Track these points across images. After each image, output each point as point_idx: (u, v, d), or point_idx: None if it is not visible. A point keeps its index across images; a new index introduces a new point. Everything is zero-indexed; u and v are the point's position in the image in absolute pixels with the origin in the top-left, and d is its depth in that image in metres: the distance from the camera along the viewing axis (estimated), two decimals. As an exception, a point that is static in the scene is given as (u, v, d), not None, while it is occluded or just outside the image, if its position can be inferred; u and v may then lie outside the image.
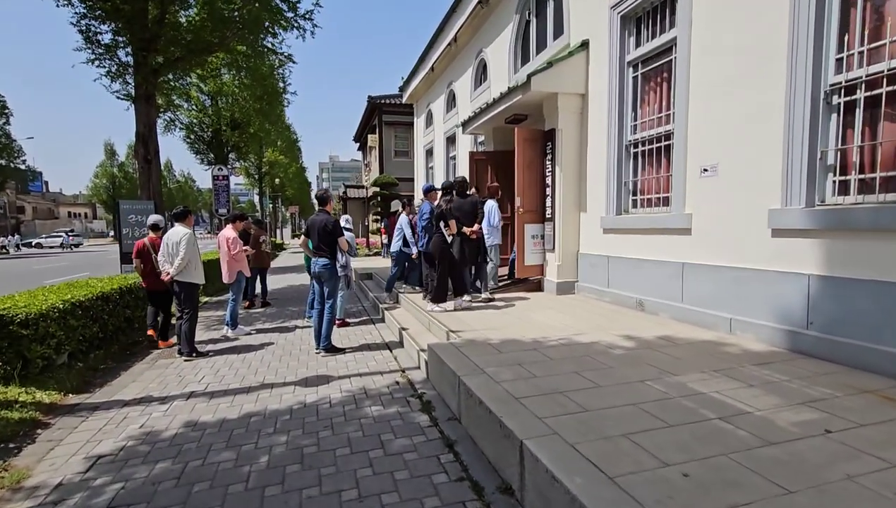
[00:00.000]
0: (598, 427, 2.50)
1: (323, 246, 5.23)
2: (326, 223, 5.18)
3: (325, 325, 5.33)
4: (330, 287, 5.30)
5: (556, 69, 6.50)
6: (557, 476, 2.03)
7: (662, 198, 5.44)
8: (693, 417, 2.59)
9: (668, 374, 3.30)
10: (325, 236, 5.19)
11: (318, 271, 5.27)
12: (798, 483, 1.95)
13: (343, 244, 5.20)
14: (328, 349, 5.34)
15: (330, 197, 5.43)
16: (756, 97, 4.06)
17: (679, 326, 4.70)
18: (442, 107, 13.63)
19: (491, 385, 3.18)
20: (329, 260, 5.23)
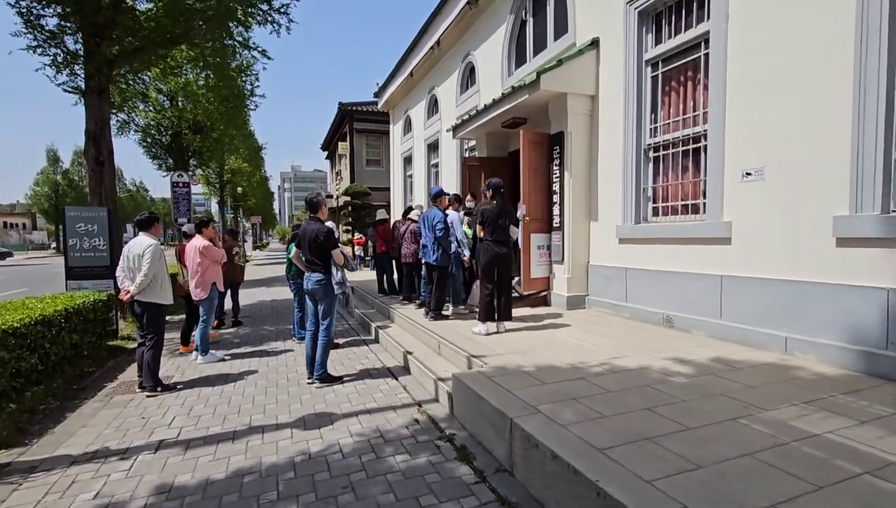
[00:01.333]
0: (729, 493, 1.93)
1: (315, 259, 4.51)
2: (318, 233, 4.45)
3: (319, 351, 4.58)
4: (325, 306, 4.57)
5: (566, 68, 6.06)
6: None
7: (690, 205, 5.04)
8: (835, 473, 2.06)
9: (756, 409, 2.79)
10: (317, 248, 4.47)
11: (312, 288, 4.54)
12: None
13: (338, 257, 4.47)
14: (324, 378, 4.58)
15: (322, 201, 4.70)
16: (814, 93, 3.70)
17: (723, 346, 4.26)
18: (422, 113, 13.08)
19: (555, 430, 2.57)
20: (323, 274, 4.50)
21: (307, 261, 4.62)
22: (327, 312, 4.58)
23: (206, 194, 36.20)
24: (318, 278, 4.49)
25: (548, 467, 2.37)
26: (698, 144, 4.91)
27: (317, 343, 4.58)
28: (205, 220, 5.84)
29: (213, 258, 5.54)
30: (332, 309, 4.62)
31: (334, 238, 4.54)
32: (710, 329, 4.59)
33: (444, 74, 11.53)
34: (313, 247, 4.47)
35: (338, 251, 4.47)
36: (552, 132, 6.58)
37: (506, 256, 5.06)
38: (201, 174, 25.81)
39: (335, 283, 4.47)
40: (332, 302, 4.60)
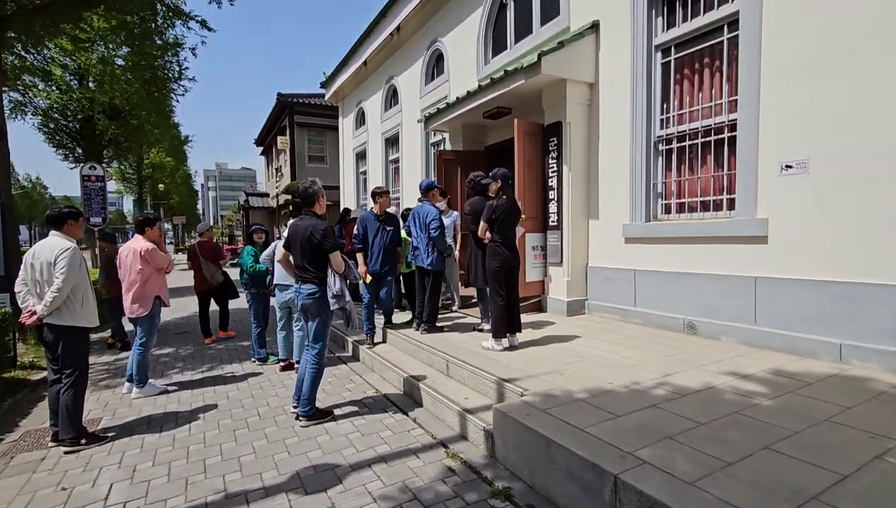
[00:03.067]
0: None
1: (307, 265, 3.59)
2: (313, 232, 3.52)
3: (307, 383, 3.66)
4: (317, 325, 3.66)
5: (567, 51, 5.53)
6: None
7: (712, 201, 4.67)
8: None
9: (885, 439, 2.34)
10: (312, 250, 3.55)
11: (303, 303, 3.62)
12: None
13: (338, 263, 3.57)
14: (311, 415, 3.68)
15: (318, 192, 3.75)
16: (871, 83, 3.39)
17: (768, 355, 3.88)
18: (379, 104, 12.16)
19: (689, 492, 1.93)
20: (317, 286, 3.59)
21: (296, 267, 3.68)
22: (319, 334, 3.67)
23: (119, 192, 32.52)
24: (311, 290, 3.57)
25: (699, 550, 1.72)
26: (721, 136, 4.55)
27: (306, 372, 3.66)
28: (150, 218, 4.63)
29: (158, 265, 4.39)
30: (325, 330, 3.72)
31: (334, 237, 3.62)
32: (743, 335, 4.23)
33: (406, 63, 10.71)
34: (306, 249, 3.54)
35: (338, 255, 3.56)
36: (547, 122, 6.04)
37: (517, 259, 4.41)
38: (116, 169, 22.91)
39: (331, 297, 3.55)
40: (326, 322, 3.70)
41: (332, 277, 3.56)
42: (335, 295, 3.53)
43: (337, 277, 3.56)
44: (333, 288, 3.54)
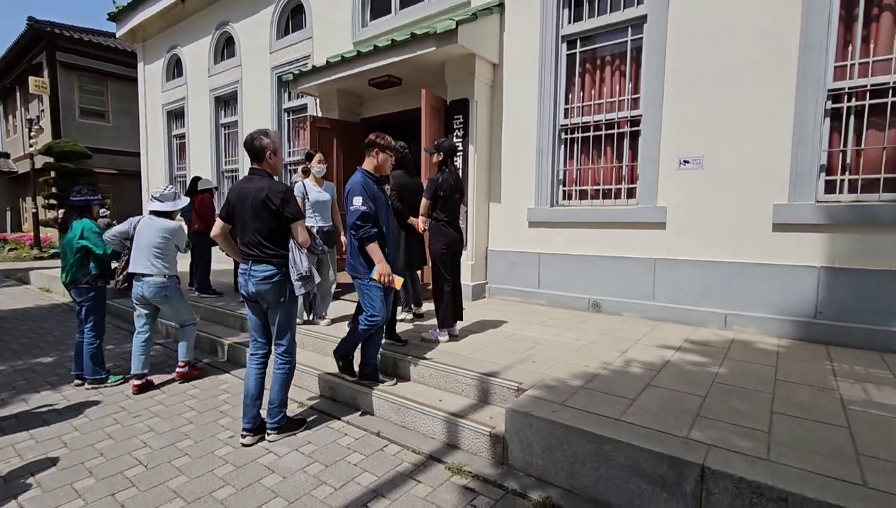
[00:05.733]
0: None
1: (262, 240, 2.72)
2: (269, 195, 2.69)
3: (276, 387, 2.89)
4: (281, 316, 2.83)
5: (479, 25, 5.31)
6: None
7: (614, 190, 5.09)
8: None
9: (829, 391, 2.82)
10: (268, 220, 2.71)
11: (257, 289, 2.75)
12: None
13: (301, 235, 2.75)
14: (284, 425, 2.95)
15: (272, 145, 2.79)
16: (761, 91, 4.08)
17: (671, 326, 4.42)
18: (206, 54, 9.99)
19: (773, 467, 1.95)
20: (276, 267, 2.76)
21: (245, 245, 2.75)
22: (285, 327, 2.85)
23: None
24: (268, 272, 2.75)
25: (818, 527, 1.74)
26: (623, 130, 4.97)
27: (264, 375, 2.84)
28: None
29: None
30: (291, 321, 2.90)
31: (296, 202, 2.74)
32: (644, 311, 4.75)
33: (249, 8, 8.98)
34: (262, 218, 2.72)
35: (303, 225, 2.74)
36: (451, 99, 5.74)
37: (462, 241, 4.05)
38: None
39: (296, 279, 2.71)
40: (290, 312, 2.88)
41: (296, 253, 2.76)
42: (302, 277, 2.71)
43: (303, 253, 2.75)
44: (301, 268, 2.72)
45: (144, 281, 3.74)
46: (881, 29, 3.72)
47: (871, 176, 3.77)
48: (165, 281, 3.80)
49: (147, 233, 3.76)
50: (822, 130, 3.86)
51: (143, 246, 3.74)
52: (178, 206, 3.98)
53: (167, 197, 3.92)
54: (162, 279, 3.78)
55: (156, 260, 3.75)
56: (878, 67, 3.70)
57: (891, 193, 3.70)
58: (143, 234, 3.76)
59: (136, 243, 3.75)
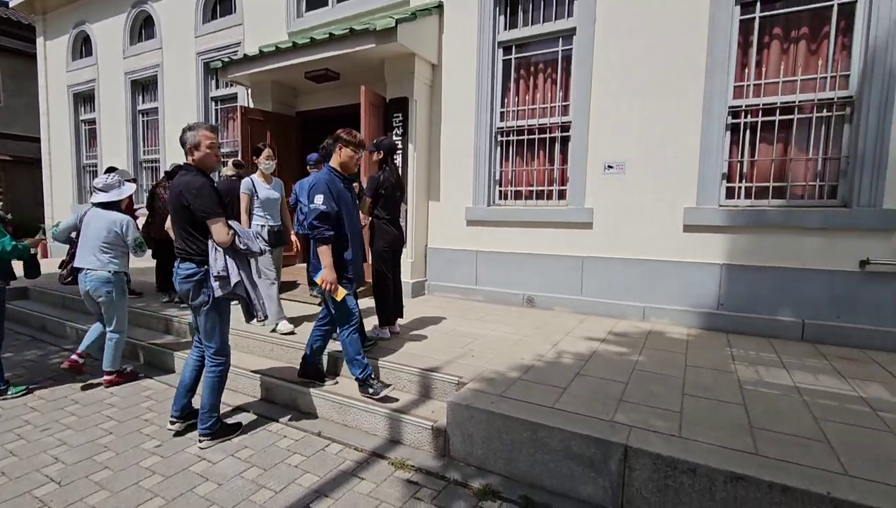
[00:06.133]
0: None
1: (186, 237, 2.65)
2: (183, 191, 2.60)
3: (206, 392, 2.76)
4: (206, 320, 2.71)
5: (419, 25, 5.36)
6: None
7: (546, 191, 5.37)
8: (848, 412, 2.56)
9: (728, 373, 3.20)
10: (183, 218, 2.62)
11: (182, 288, 2.69)
12: None
13: (219, 233, 2.61)
14: (216, 431, 2.84)
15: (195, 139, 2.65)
16: (674, 105, 4.48)
17: (595, 319, 4.75)
18: (121, 34, 9.17)
19: (685, 444, 2.20)
20: (197, 265, 2.67)
21: (175, 241, 2.70)
22: (210, 330, 2.73)
23: None
24: (188, 271, 2.67)
25: (719, 493, 1.99)
26: (555, 134, 5.25)
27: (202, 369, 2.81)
28: None
29: None
30: (217, 325, 2.76)
31: (213, 199, 2.62)
32: (573, 305, 5.06)
33: (172, -12, 8.38)
34: (179, 215, 2.67)
35: (220, 224, 2.60)
36: (390, 96, 5.74)
37: (403, 240, 4.10)
38: None
39: (214, 278, 2.61)
40: (215, 314, 2.74)
41: (213, 252, 2.64)
42: (218, 277, 2.60)
43: (220, 252, 2.62)
44: (214, 268, 2.61)
45: (88, 274, 3.56)
46: (771, 55, 4.24)
47: (762, 184, 4.29)
48: (110, 277, 3.60)
49: (94, 226, 3.58)
50: (723, 142, 4.33)
51: (90, 239, 3.58)
52: (123, 195, 3.77)
53: (111, 186, 3.70)
54: (106, 274, 3.58)
55: (102, 254, 3.57)
56: (769, 89, 4.22)
57: (778, 199, 4.24)
58: (89, 227, 3.59)
59: (83, 236, 3.59)
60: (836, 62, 4.00)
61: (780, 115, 4.17)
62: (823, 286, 4.00)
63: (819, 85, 4.04)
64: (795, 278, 4.09)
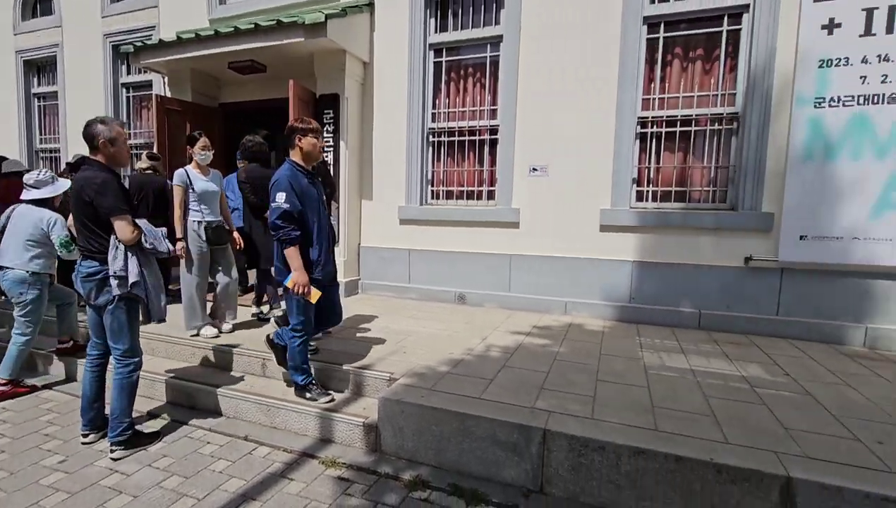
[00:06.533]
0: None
1: (88, 234, 2.58)
2: (84, 186, 2.51)
3: (117, 397, 2.64)
4: (112, 321, 2.61)
5: (349, 21, 5.32)
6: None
7: (476, 191, 5.55)
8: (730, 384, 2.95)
9: (635, 360, 3.53)
10: (84, 212, 2.56)
11: (84, 288, 2.59)
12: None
13: (122, 232, 2.53)
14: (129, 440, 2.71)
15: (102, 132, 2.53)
16: (591, 113, 4.82)
17: (522, 314, 5.00)
18: (12, 7, 8.19)
19: (600, 426, 2.42)
20: (99, 263, 2.59)
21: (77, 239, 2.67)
22: (118, 331, 2.62)
23: None
24: (90, 269, 2.60)
25: (624, 466, 2.22)
26: (484, 137, 5.44)
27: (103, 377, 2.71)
28: None
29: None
30: (126, 324, 2.65)
31: (117, 195, 2.52)
32: (502, 301, 5.28)
33: (71, -40, 7.61)
34: (81, 212, 2.57)
35: (125, 222, 2.54)
36: (320, 92, 5.64)
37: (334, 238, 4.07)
38: None
39: (113, 277, 2.53)
40: (125, 312, 2.63)
41: (113, 250, 2.56)
42: (116, 275, 2.52)
43: (120, 250, 2.55)
44: (113, 266, 2.53)
45: (5, 272, 3.34)
46: (673, 72, 4.70)
47: (666, 188, 4.75)
48: (26, 277, 3.35)
49: (20, 224, 3.41)
50: (633, 149, 4.74)
51: (15, 236, 3.40)
52: (57, 191, 3.55)
53: (43, 182, 3.51)
54: (23, 274, 3.34)
55: (25, 252, 3.36)
56: (671, 102, 4.68)
57: (679, 202, 4.72)
58: (16, 224, 3.42)
59: (9, 233, 3.40)
60: (726, 81, 4.52)
61: (681, 127, 4.64)
62: (716, 280, 4.51)
63: (712, 101, 4.54)
64: (693, 273, 4.58)
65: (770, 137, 4.27)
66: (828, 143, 4.05)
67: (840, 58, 3.99)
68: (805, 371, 3.39)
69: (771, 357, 3.71)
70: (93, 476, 2.49)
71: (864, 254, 4.03)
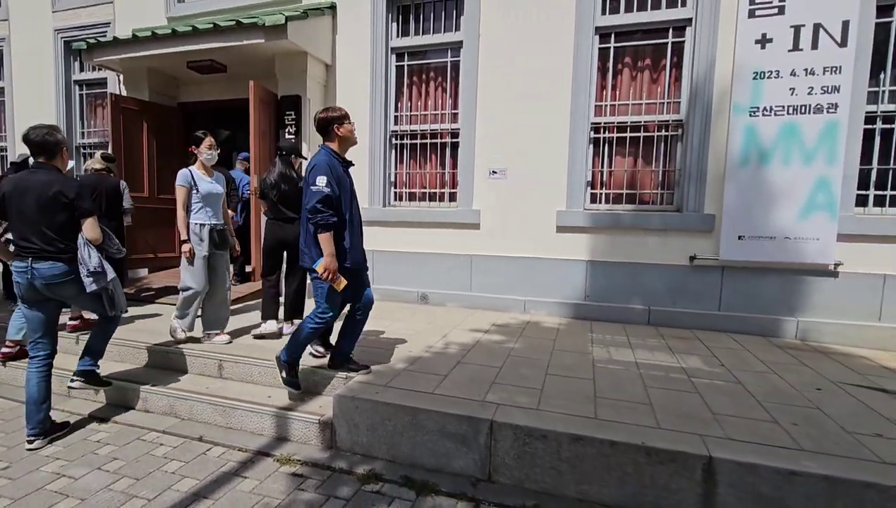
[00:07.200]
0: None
1: (55, 235, 2.70)
2: (63, 190, 2.68)
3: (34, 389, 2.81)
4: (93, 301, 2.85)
5: (311, 23, 5.34)
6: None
7: (438, 193, 5.65)
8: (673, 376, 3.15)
9: (585, 353, 3.70)
10: (57, 215, 2.69)
11: (52, 286, 2.74)
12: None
13: (92, 231, 2.73)
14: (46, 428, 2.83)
15: (63, 142, 2.77)
16: (544, 115, 4.99)
17: (483, 313, 5.13)
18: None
19: (542, 415, 2.55)
20: (67, 264, 2.73)
21: (22, 239, 2.69)
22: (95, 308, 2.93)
23: None
24: (61, 270, 2.71)
25: (564, 452, 2.36)
26: (445, 140, 5.56)
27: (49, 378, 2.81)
28: None
29: None
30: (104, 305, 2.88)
31: (89, 198, 2.70)
32: (463, 300, 5.40)
33: (18, -49, 7.31)
34: (50, 213, 2.66)
35: (95, 222, 2.76)
36: (282, 93, 5.64)
37: None
38: None
39: (86, 276, 2.72)
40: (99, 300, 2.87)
41: (85, 249, 2.72)
42: (92, 273, 2.69)
43: (92, 249, 2.75)
44: (89, 264, 2.72)
45: None
46: (623, 81, 4.94)
47: (617, 191, 4.98)
48: None
49: None
50: (587, 153, 4.95)
51: None
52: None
53: None
54: None
55: None
56: (622, 109, 4.91)
57: (630, 204, 4.95)
58: None
59: None
60: (672, 90, 4.79)
61: (631, 133, 4.87)
62: (663, 278, 4.76)
63: (659, 108, 4.80)
64: (643, 271, 4.81)
65: (711, 143, 4.55)
66: (762, 150, 4.35)
67: (772, 70, 4.29)
68: (739, 361, 3.63)
69: (710, 349, 3.95)
70: (38, 482, 2.45)
71: (795, 252, 4.34)
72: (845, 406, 2.82)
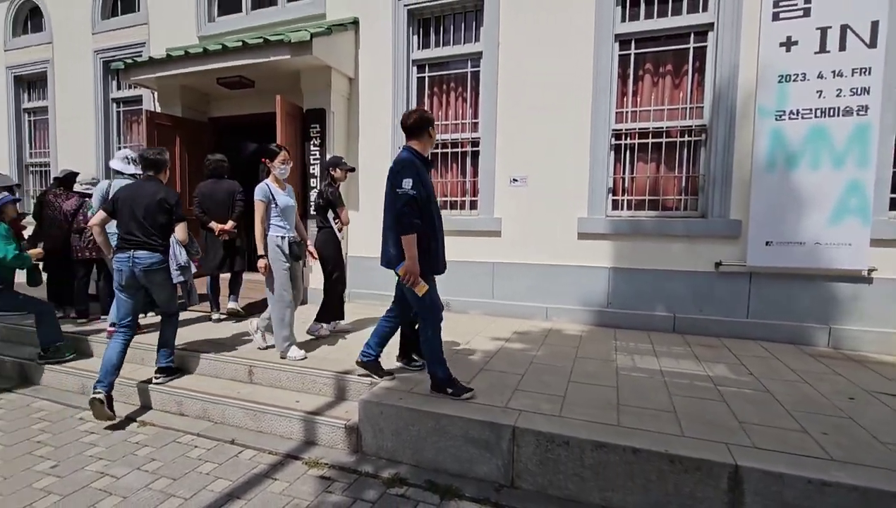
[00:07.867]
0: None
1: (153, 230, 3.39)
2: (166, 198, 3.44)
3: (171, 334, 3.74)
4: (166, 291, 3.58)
5: (335, 39, 5.51)
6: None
7: (460, 201, 5.72)
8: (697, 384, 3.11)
9: (609, 361, 3.69)
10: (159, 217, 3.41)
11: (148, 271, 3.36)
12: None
13: (182, 233, 3.52)
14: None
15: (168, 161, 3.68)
16: (568, 125, 5.02)
17: (504, 320, 5.15)
18: (2, 23, 8.32)
19: (566, 421, 2.57)
20: (162, 254, 3.43)
21: (131, 233, 3.34)
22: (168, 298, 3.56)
23: None
24: (156, 258, 3.38)
25: (587, 459, 2.37)
26: (466, 149, 5.64)
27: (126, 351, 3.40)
28: None
29: None
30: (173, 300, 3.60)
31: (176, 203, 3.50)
32: (485, 308, 5.44)
33: (63, -21, 7.76)
34: (153, 214, 3.37)
35: (185, 226, 3.54)
36: (307, 107, 5.82)
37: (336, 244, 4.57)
38: None
39: (175, 269, 3.70)
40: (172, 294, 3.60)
41: (175, 248, 3.68)
42: (180, 267, 3.72)
43: (181, 248, 3.69)
44: (179, 260, 3.71)
45: None
46: (644, 87, 4.93)
47: (640, 197, 4.95)
48: None
49: None
50: (608, 160, 4.94)
51: None
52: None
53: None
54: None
55: None
56: (643, 115, 4.90)
57: (653, 211, 4.92)
58: None
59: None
60: (694, 95, 4.75)
61: (653, 138, 4.85)
62: (688, 284, 4.70)
63: (681, 114, 4.77)
64: (667, 278, 4.76)
65: (736, 148, 4.49)
66: (789, 154, 4.27)
67: (798, 73, 4.22)
68: (768, 370, 3.56)
69: (738, 357, 3.88)
70: (83, 480, 2.59)
71: (826, 258, 4.23)
72: (879, 415, 2.74)
